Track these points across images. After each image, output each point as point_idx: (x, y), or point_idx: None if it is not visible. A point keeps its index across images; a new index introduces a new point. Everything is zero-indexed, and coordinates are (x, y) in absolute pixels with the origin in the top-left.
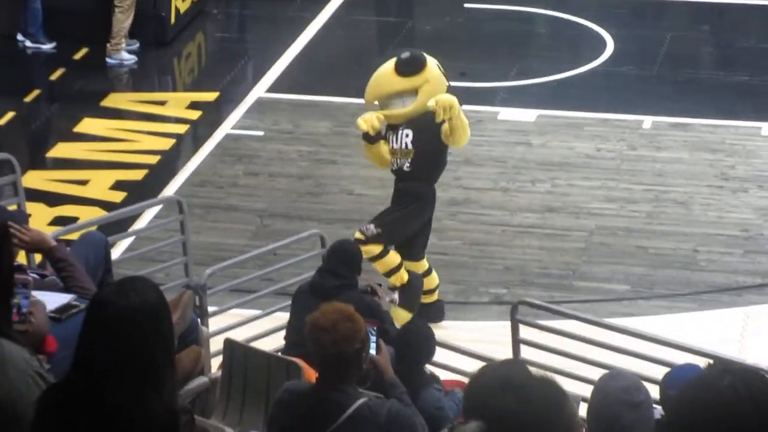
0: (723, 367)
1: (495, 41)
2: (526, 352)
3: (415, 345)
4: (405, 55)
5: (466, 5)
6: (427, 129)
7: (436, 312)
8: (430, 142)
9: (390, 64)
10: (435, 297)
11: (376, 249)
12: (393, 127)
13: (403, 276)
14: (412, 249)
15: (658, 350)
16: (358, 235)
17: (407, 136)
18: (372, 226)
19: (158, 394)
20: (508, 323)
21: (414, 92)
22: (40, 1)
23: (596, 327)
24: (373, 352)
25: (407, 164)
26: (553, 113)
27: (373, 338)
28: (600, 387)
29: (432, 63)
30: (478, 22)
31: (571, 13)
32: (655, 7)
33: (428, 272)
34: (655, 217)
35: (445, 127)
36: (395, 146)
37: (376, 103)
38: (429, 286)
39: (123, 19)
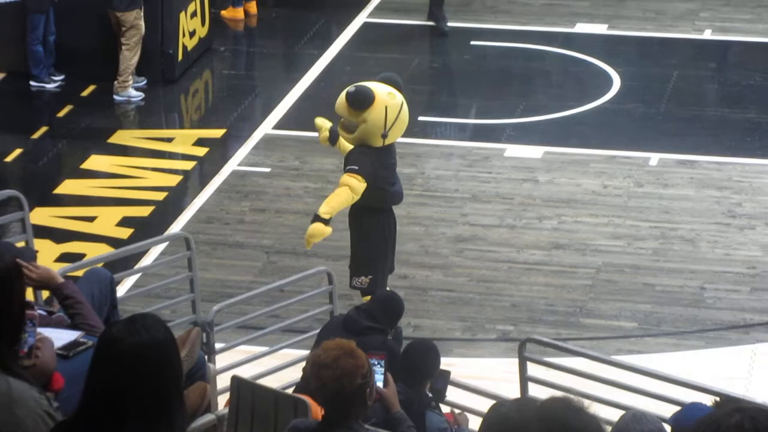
0: (735, 406)
1: (502, 78)
2: (534, 390)
3: (419, 360)
4: (352, 89)
5: (473, 42)
6: (347, 158)
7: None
8: (344, 168)
9: (346, 89)
10: None
11: None
12: None
13: None
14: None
15: (665, 388)
16: (357, 290)
17: (331, 144)
18: (362, 278)
19: (169, 430)
20: (516, 360)
21: (355, 125)
22: (40, 44)
23: (604, 364)
24: (380, 384)
25: None
26: (560, 150)
27: (381, 370)
28: (622, 429)
29: (379, 106)
30: (484, 59)
31: (578, 50)
32: (661, 45)
33: None
34: (662, 254)
35: (342, 179)
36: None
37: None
38: None
39: (130, 57)
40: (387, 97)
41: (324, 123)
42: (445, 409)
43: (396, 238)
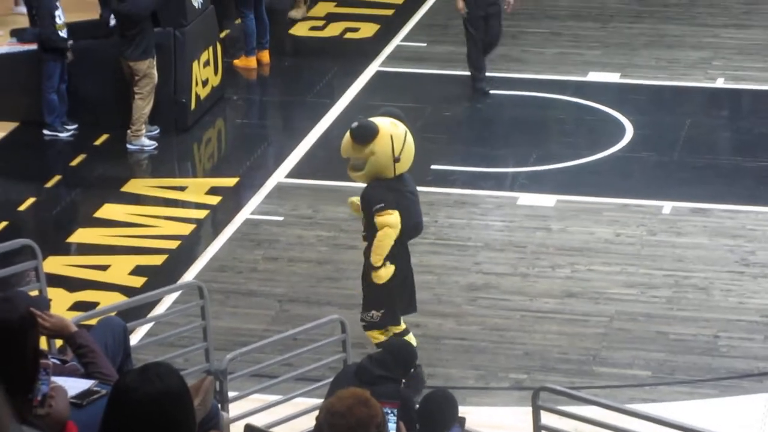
0: None
1: (514, 127)
2: None
3: (436, 410)
4: (355, 124)
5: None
6: (365, 201)
7: (419, 379)
8: (368, 215)
9: (350, 130)
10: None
11: (381, 336)
12: None
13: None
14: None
15: None
16: (363, 324)
17: (359, 200)
18: (374, 312)
19: None
20: (529, 409)
21: (364, 161)
22: (55, 93)
23: (617, 413)
24: None
25: (363, 229)
26: (573, 198)
27: (393, 419)
28: None
29: (384, 136)
30: (497, 108)
31: (591, 99)
32: (674, 93)
33: (405, 333)
34: (675, 302)
35: (378, 222)
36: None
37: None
38: None
39: (143, 106)
40: (390, 126)
41: (353, 200)
42: None
43: (413, 275)
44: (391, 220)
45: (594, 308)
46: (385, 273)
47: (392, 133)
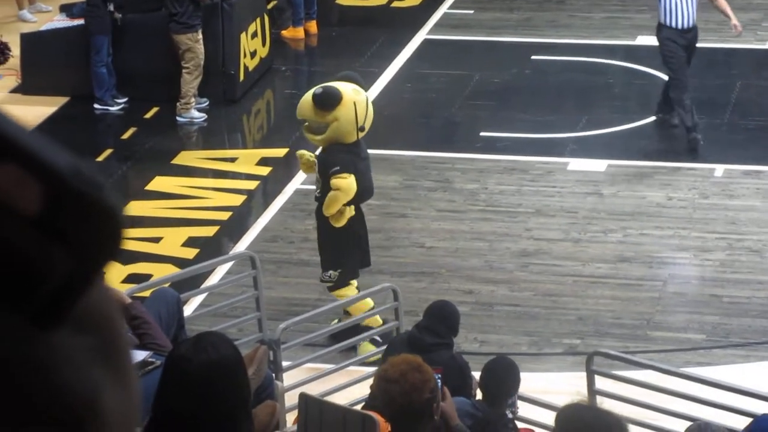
0: None
1: (563, 92)
2: (602, 403)
3: (500, 377)
4: (319, 90)
5: (534, 57)
6: (323, 163)
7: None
8: (326, 177)
9: (310, 92)
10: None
11: (350, 291)
12: None
13: (377, 319)
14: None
15: (735, 399)
16: (327, 283)
17: (316, 164)
18: (331, 272)
19: None
20: (583, 374)
21: (325, 125)
22: (104, 66)
23: (672, 377)
24: None
25: (318, 191)
26: (624, 163)
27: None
28: None
29: (347, 102)
30: (545, 74)
31: (640, 63)
32: (723, 55)
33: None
34: (728, 265)
35: (333, 183)
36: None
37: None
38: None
39: (190, 80)
40: (353, 93)
41: (305, 153)
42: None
43: (367, 232)
44: (343, 184)
45: (647, 272)
46: (341, 217)
47: (356, 99)
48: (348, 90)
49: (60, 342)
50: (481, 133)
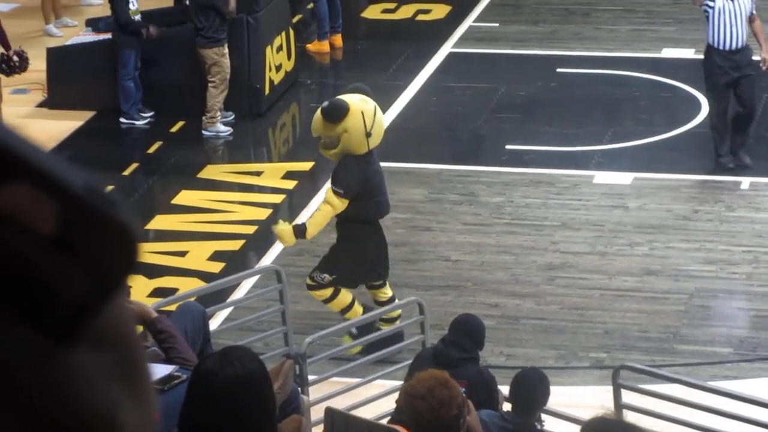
0: None
1: (589, 105)
2: (629, 417)
3: (530, 389)
4: (326, 103)
5: (559, 70)
6: (334, 174)
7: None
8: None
9: (321, 107)
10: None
11: (327, 292)
12: None
13: (357, 310)
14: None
15: (762, 414)
16: (309, 281)
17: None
18: (326, 276)
19: None
20: (610, 388)
21: (337, 138)
22: (132, 80)
23: (699, 390)
24: None
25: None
26: (650, 176)
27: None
28: None
29: (355, 113)
30: (570, 87)
31: (665, 75)
32: None
33: (351, 305)
34: (755, 278)
35: (327, 195)
36: None
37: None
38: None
39: (216, 94)
40: (360, 102)
41: (283, 226)
42: None
43: (387, 250)
44: (338, 205)
45: (673, 285)
46: (290, 238)
47: (363, 109)
48: (355, 100)
49: (78, 359)
50: (507, 146)
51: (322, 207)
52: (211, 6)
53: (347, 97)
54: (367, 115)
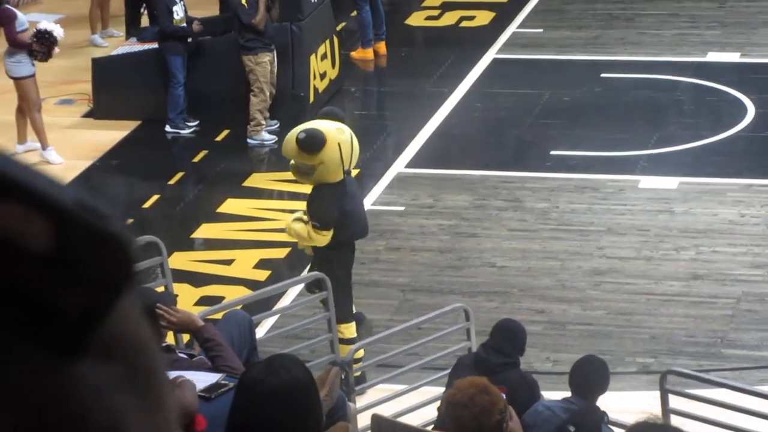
0: None
1: (633, 110)
2: (676, 422)
3: (593, 374)
4: (302, 135)
5: (603, 75)
6: (309, 205)
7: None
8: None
9: (294, 133)
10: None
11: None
12: None
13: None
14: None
15: None
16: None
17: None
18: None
19: None
20: (657, 393)
21: (312, 168)
22: (182, 88)
23: (747, 395)
24: None
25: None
26: (695, 180)
27: None
28: None
29: (332, 145)
30: (615, 91)
31: (710, 79)
32: None
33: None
34: None
35: (311, 233)
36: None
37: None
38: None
39: (256, 102)
40: (337, 133)
41: (294, 225)
42: None
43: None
44: (319, 239)
45: (720, 290)
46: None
47: (339, 140)
48: (332, 131)
49: (83, 372)
50: (552, 152)
51: (307, 235)
52: (236, 16)
53: (323, 126)
54: (344, 146)
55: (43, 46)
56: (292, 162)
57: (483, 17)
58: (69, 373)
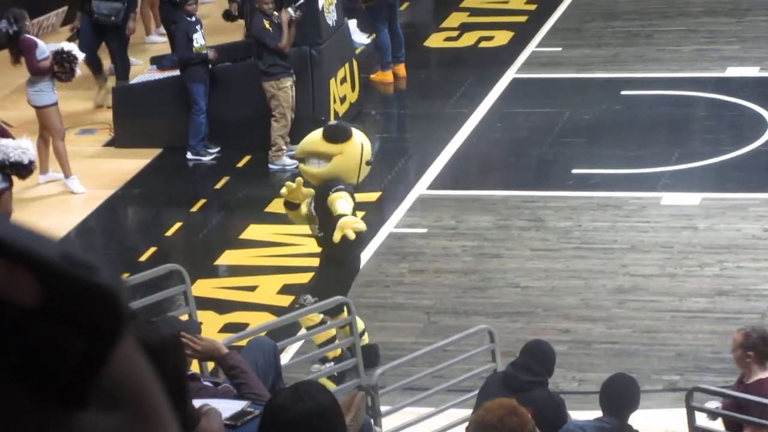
0: None
1: (654, 126)
2: None
3: (620, 391)
4: (333, 122)
5: (623, 92)
6: (322, 197)
7: (371, 356)
8: (325, 209)
9: (316, 131)
10: (366, 340)
11: (316, 318)
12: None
13: (337, 350)
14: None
15: None
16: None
17: (311, 203)
18: (309, 297)
19: None
20: (684, 410)
21: (329, 158)
22: (204, 116)
23: None
24: None
25: (317, 229)
26: (718, 196)
27: None
28: None
29: (356, 141)
30: (635, 109)
31: (730, 94)
32: None
33: (332, 339)
34: None
35: (330, 198)
36: (308, 210)
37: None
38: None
39: (278, 127)
40: (362, 136)
41: (290, 184)
42: None
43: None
44: (345, 195)
45: (745, 305)
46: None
47: (363, 142)
48: (358, 132)
49: (87, 422)
50: (573, 170)
51: (336, 201)
52: (261, 41)
53: (351, 126)
54: (366, 149)
55: (64, 66)
56: (302, 165)
57: (502, 37)
58: (72, 423)
